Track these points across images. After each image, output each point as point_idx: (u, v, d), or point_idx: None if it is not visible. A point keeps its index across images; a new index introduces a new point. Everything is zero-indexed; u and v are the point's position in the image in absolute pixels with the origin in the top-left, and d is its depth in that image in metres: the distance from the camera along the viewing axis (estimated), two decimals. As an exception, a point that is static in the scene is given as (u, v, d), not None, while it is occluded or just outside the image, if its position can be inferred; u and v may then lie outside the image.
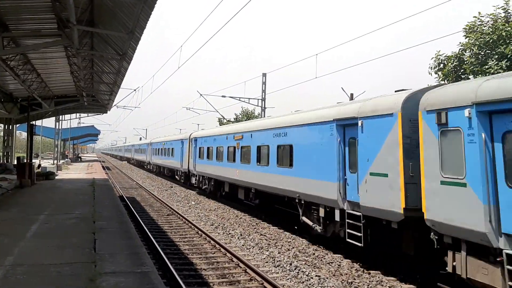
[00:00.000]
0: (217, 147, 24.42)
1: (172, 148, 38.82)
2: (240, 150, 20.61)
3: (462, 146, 8.16)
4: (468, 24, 20.93)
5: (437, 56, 21.91)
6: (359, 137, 11.28)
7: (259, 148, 18.36)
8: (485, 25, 20.49)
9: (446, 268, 8.82)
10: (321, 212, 13.28)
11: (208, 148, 26.35)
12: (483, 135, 7.82)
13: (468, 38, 20.72)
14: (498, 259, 7.49)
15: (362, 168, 11.13)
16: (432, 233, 8.93)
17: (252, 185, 19.09)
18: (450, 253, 8.63)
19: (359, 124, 11.27)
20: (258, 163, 18.28)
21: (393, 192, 9.91)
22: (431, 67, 22.28)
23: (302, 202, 14.46)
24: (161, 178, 45.01)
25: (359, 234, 11.10)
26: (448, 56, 21.43)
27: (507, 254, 7.26)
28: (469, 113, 8.05)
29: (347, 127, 12.25)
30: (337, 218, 12.30)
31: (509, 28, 18.85)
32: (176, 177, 37.27)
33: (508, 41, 18.80)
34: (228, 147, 22.43)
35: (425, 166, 9.04)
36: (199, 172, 28.51)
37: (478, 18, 20.86)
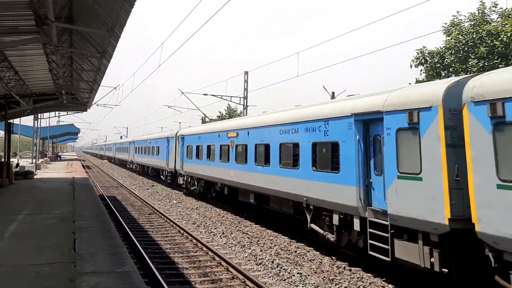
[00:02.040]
0: (207, 146, 23.08)
1: (157, 147, 37.10)
2: (235, 149, 19.16)
3: None
4: (450, 21, 21.52)
5: (421, 50, 22.32)
6: (386, 135, 9.75)
7: (257, 146, 16.84)
8: (463, 22, 21.04)
9: None
10: (335, 220, 11.75)
11: (197, 146, 25.02)
12: None
13: (449, 37, 21.31)
14: None
15: (390, 171, 9.59)
16: (486, 249, 7.50)
17: (248, 187, 17.65)
18: None
19: (386, 119, 9.75)
20: (256, 163, 16.79)
21: (433, 199, 8.46)
22: (413, 60, 22.72)
23: (311, 207, 13.03)
24: (143, 177, 44.64)
25: (386, 246, 9.65)
26: (429, 52, 21.95)
27: None
28: None
29: (369, 123, 10.76)
30: (356, 227, 10.80)
31: (487, 29, 19.31)
32: (162, 177, 35.77)
33: (484, 42, 19.24)
34: (220, 145, 21.00)
35: (473, 168, 7.58)
36: (187, 172, 27.27)
37: (456, 18, 21.41)
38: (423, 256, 8.75)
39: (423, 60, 22.16)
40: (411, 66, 22.73)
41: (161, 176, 36.08)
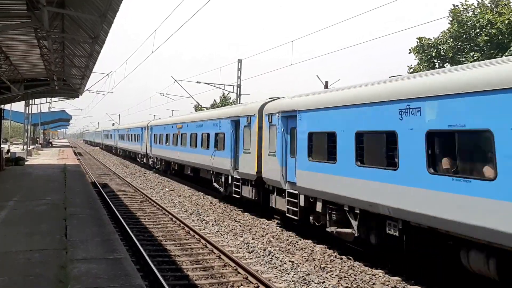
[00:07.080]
0: (166, 134, 29.77)
1: (134, 134, 44.40)
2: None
3: None
4: (453, 10, 22.11)
5: (421, 39, 23.55)
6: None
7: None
8: (468, 10, 21.61)
9: None
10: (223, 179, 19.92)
11: (160, 134, 31.85)
12: None
13: (451, 25, 22.10)
14: None
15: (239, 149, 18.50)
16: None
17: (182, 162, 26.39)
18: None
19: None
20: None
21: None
22: (413, 49, 24.08)
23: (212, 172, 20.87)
24: (135, 164, 44.56)
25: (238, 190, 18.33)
26: (428, 43, 22.81)
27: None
28: None
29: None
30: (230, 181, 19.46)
31: (487, 18, 19.57)
32: (138, 159, 43.86)
33: (484, 30, 19.50)
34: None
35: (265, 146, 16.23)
36: (154, 155, 34.73)
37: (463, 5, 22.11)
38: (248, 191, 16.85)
39: (421, 50, 23.07)
40: (410, 52, 24.37)
41: (137, 159, 44.37)
